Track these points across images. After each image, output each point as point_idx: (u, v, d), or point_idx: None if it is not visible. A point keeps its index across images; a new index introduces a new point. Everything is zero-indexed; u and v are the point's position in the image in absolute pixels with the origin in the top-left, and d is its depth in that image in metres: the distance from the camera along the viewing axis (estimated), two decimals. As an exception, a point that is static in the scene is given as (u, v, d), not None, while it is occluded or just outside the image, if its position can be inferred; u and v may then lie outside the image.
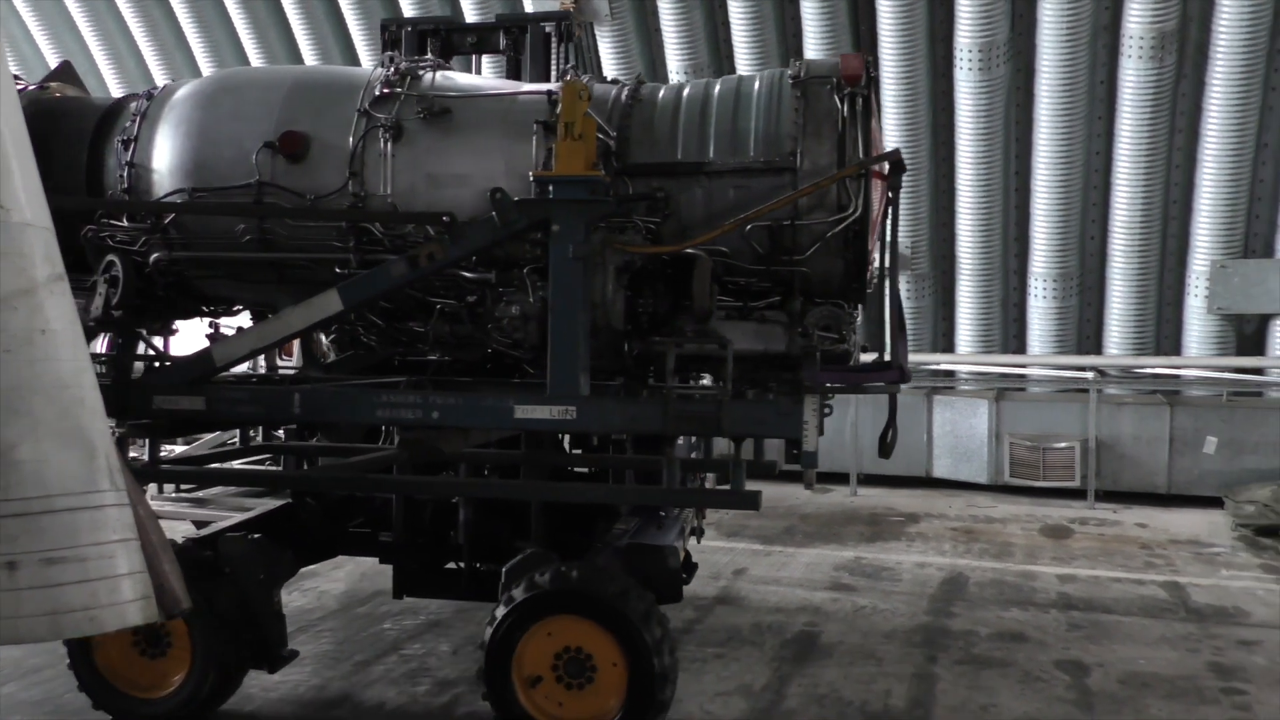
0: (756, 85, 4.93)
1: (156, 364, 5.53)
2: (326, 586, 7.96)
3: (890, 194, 4.62)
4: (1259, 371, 12.11)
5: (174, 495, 11.15)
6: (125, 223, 5.19)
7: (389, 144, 4.96)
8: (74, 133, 5.43)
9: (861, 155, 4.60)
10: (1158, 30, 10.85)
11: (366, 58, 13.02)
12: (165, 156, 5.15)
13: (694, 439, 6.86)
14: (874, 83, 4.85)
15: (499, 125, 5.00)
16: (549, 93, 5.03)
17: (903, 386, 4.82)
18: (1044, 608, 7.53)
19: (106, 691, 5.31)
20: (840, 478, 12.39)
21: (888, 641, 6.71)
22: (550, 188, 4.55)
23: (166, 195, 5.11)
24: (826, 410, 4.45)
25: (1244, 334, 12.02)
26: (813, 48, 11.75)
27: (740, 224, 4.51)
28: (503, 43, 6.83)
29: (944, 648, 6.59)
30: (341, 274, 5.02)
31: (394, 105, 5.02)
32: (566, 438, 7.09)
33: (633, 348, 4.84)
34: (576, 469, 6.86)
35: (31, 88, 5.67)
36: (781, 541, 9.92)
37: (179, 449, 11.31)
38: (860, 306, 5.08)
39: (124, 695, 5.32)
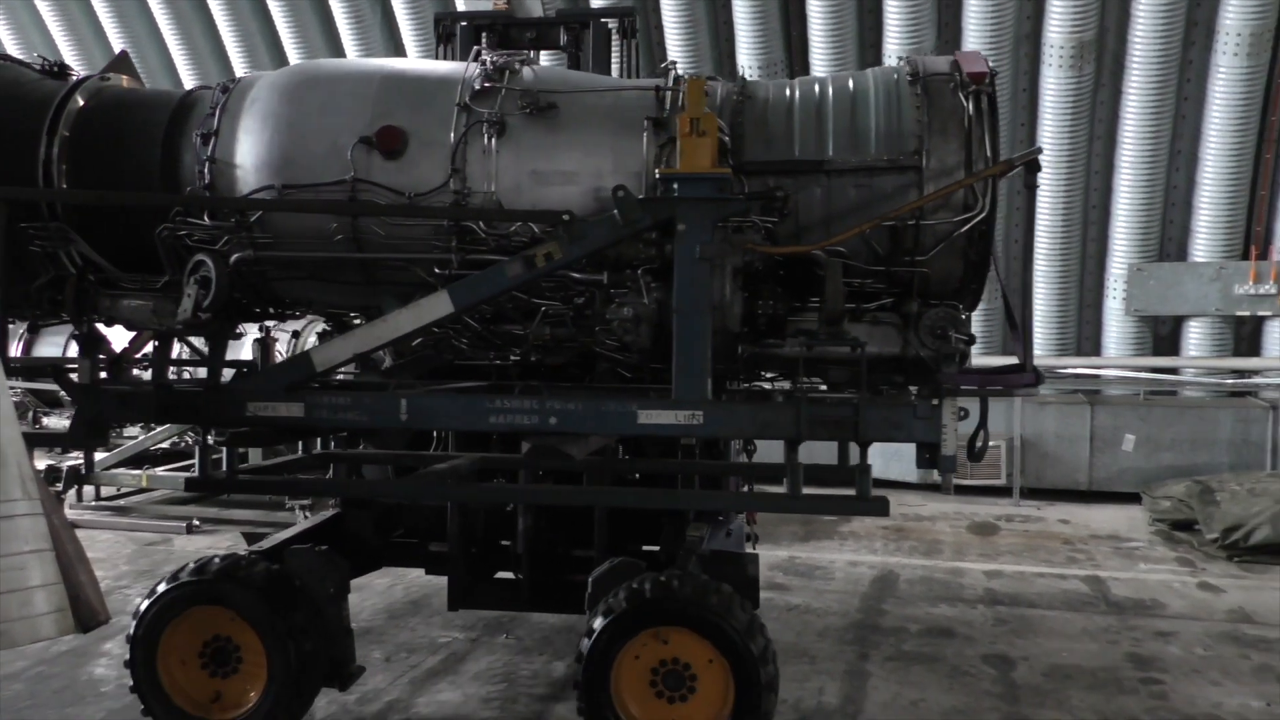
0: (870, 83, 4.83)
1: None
2: None
3: (1026, 191, 4.55)
4: (1174, 371, 12.67)
5: (94, 504, 10.90)
6: (206, 220, 4.93)
7: (493, 140, 4.77)
8: (145, 126, 5.15)
9: (989, 153, 4.52)
10: (1077, 40, 11.30)
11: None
12: (250, 152, 4.90)
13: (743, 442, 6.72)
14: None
15: (606, 121, 4.84)
16: (657, 88, 4.88)
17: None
18: (971, 603, 7.78)
19: (173, 714, 5.06)
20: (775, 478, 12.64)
21: (821, 640, 6.90)
22: (675, 185, 4.40)
23: (253, 192, 4.86)
24: (963, 414, 4.36)
25: (1160, 335, 12.59)
26: (746, 50, 11.92)
27: (882, 221, 4.41)
28: (563, 38, 6.67)
29: (875, 645, 6.79)
30: (441, 274, 4.83)
31: (496, 100, 4.84)
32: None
33: (744, 350, 4.72)
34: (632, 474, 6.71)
35: (91, 78, 5.38)
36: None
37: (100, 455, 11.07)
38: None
39: (192, 718, 5.07)
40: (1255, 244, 12.10)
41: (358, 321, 5.95)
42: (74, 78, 5.60)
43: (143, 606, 5.00)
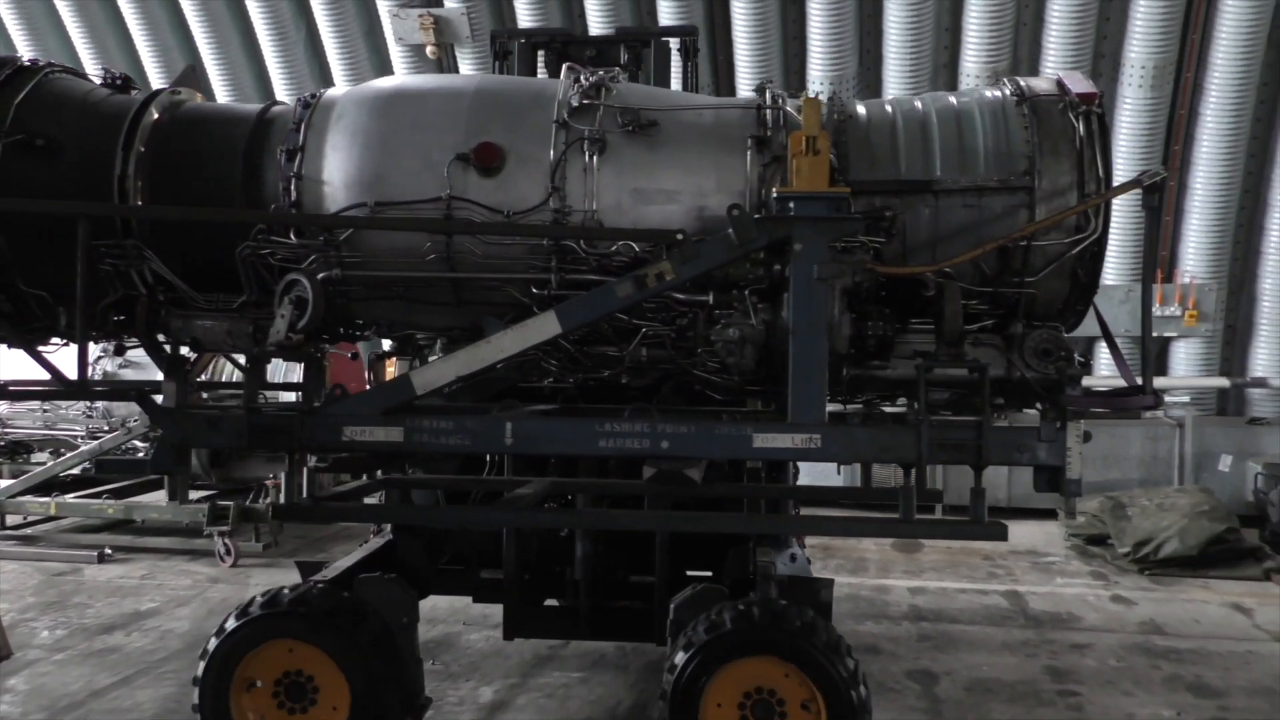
0: (974, 103, 4.81)
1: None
2: (170, 625, 7.67)
3: (1147, 213, 4.53)
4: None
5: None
6: (292, 239, 4.78)
7: (594, 157, 4.68)
8: (224, 142, 4.99)
9: (1102, 175, 4.51)
10: (991, 69, 11.65)
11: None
12: (339, 168, 4.76)
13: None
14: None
15: (707, 139, 4.77)
16: (758, 105, 4.82)
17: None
18: (896, 620, 7.89)
19: (247, 752, 4.86)
20: None
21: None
22: (791, 204, 4.33)
23: (344, 209, 4.72)
24: (1087, 437, 4.31)
25: (1074, 356, 13.00)
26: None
27: (1007, 241, 4.37)
28: (623, 56, 6.60)
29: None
30: (538, 294, 4.71)
31: (594, 117, 4.75)
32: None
33: (847, 372, 4.65)
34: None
35: (163, 92, 5.21)
36: None
37: (4, 483, 10.99)
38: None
39: (266, 756, 4.87)
40: (1161, 268, 12.48)
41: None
42: (136, 90, 5.45)
43: (212, 645, 4.79)
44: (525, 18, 12.28)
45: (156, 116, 5.03)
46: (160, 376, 4.84)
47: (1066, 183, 4.52)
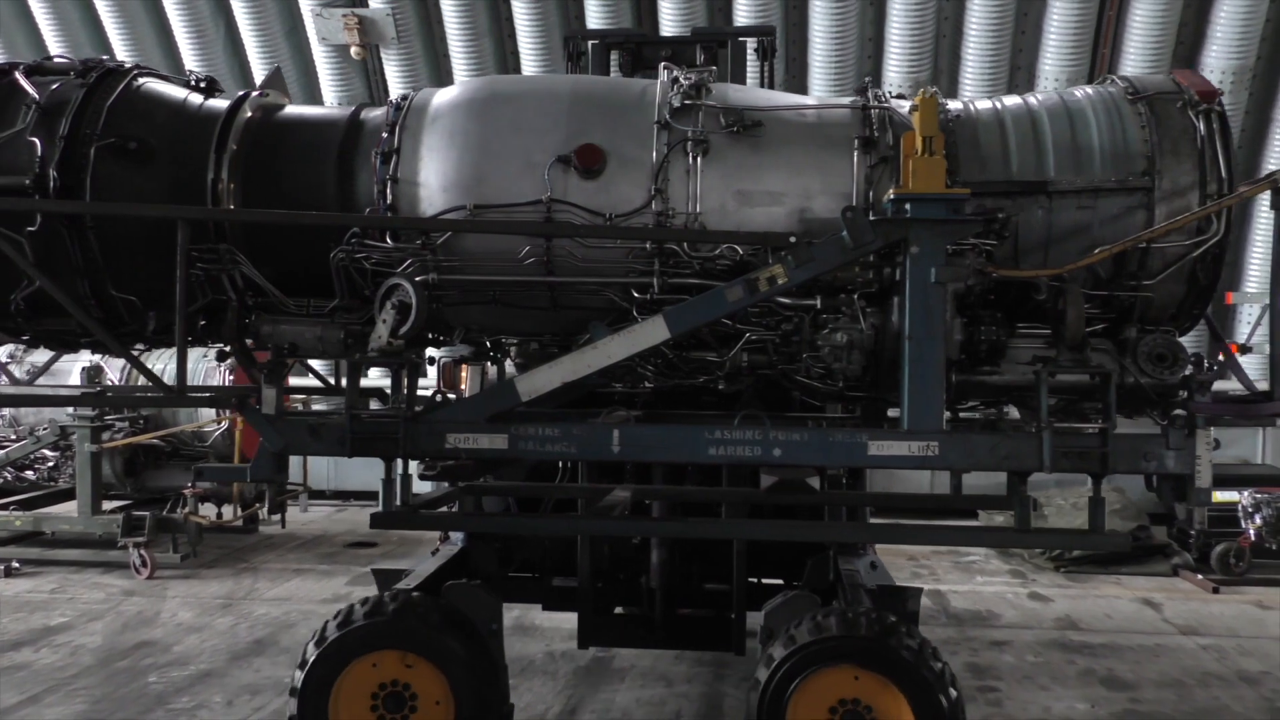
0: (1086, 101, 4.69)
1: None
2: (81, 640, 7.44)
3: (1277, 214, 4.41)
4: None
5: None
6: (388, 243, 4.70)
7: (698, 159, 4.58)
8: (316, 147, 4.93)
9: (1225, 174, 4.38)
10: (913, 79, 11.56)
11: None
12: (436, 170, 4.69)
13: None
14: None
15: (812, 140, 4.67)
16: (864, 105, 4.71)
17: None
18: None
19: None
20: None
21: (678, 663, 7.02)
22: (908, 206, 4.23)
23: (442, 212, 4.64)
24: (1216, 444, 4.19)
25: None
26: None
27: (1134, 244, 4.25)
28: (699, 57, 6.51)
29: (731, 665, 6.83)
30: (639, 299, 4.62)
31: (696, 117, 4.65)
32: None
33: (955, 378, 4.54)
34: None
35: (251, 94, 5.14)
36: None
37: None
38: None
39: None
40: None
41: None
42: (221, 92, 5.39)
43: (312, 654, 4.72)
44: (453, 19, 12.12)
45: (247, 119, 4.97)
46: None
47: (1187, 183, 4.40)
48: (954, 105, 4.81)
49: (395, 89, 12.43)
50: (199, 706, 6.15)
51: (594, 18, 11.40)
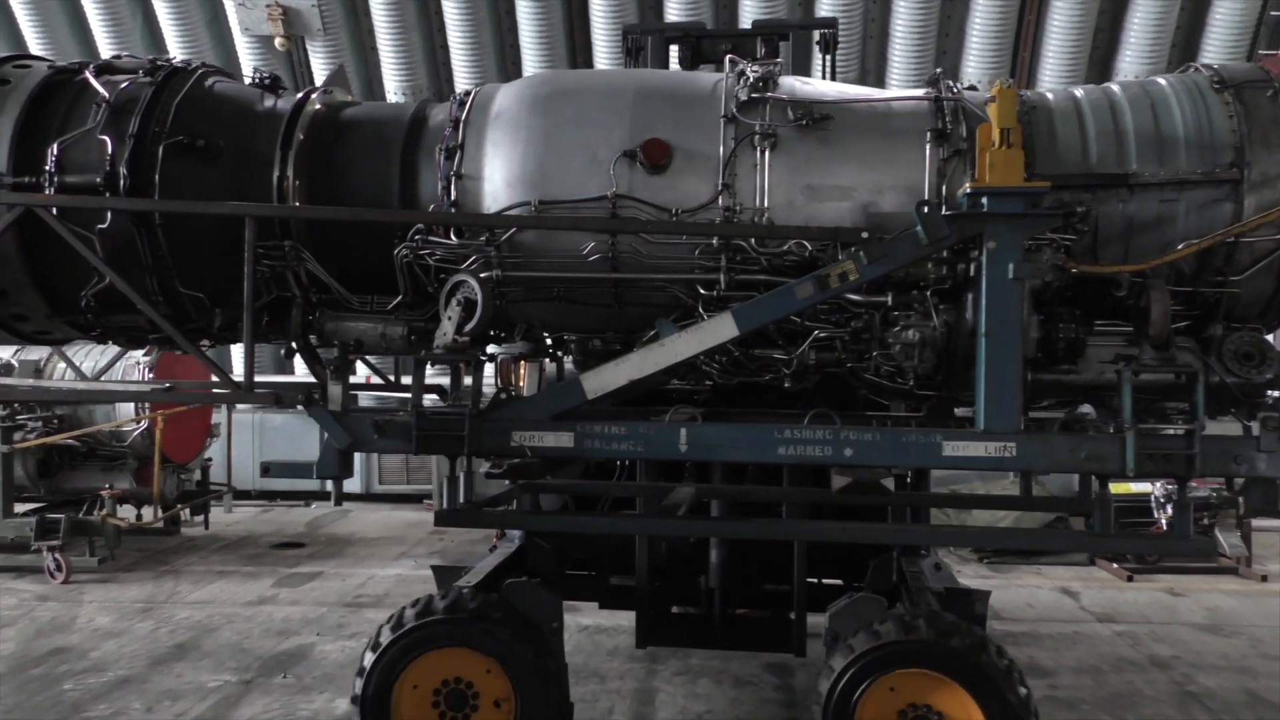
0: (1169, 90, 4.53)
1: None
2: None
3: None
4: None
5: None
6: (452, 240, 4.67)
7: (766, 153, 4.50)
8: (379, 143, 4.92)
9: (1316, 165, 4.21)
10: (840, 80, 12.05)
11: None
12: (500, 166, 4.65)
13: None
14: None
15: (882, 133, 4.57)
16: (937, 97, 4.60)
17: None
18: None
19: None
20: None
21: (610, 659, 7.06)
22: (984, 200, 4.11)
23: (506, 209, 4.61)
24: (1310, 447, 4.02)
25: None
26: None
27: (1228, 237, 4.10)
28: (760, 50, 6.40)
29: (663, 660, 6.98)
30: (705, 295, 4.56)
31: (763, 111, 4.57)
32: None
33: (1031, 377, 4.41)
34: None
35: (315, 92, 5.15)
36: None
37: None
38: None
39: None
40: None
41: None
42: (284, 90, 5.41)
43: (369, 661, 4.71)
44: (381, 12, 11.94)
45: (312, 117, 4.97)
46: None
47: (1278, 173, 4.23)
48: (1028, 95, 4.67)
49: (320, 83, 12.52)
50: (117, 714, 6.04)
51: (526, 13, 11.34)
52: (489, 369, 5.37)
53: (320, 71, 12.60)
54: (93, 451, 10.87)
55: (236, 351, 12.78)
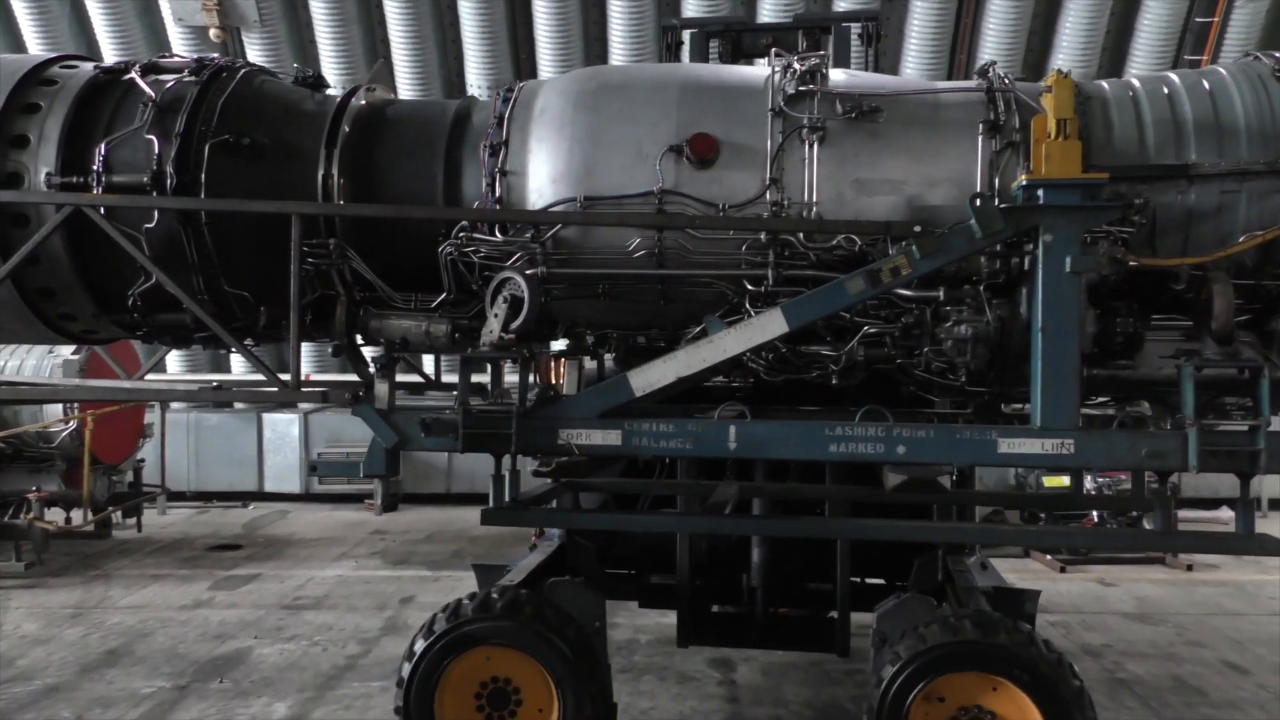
0: (1229, 79, 4.42)
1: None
2: None
3: None
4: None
5: None
6: (497, 236, 4.65)
7: (814, 147, 4.44)
8: (424, 139, 4.90)
9: (1383, 155, 4.10)
10: None
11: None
12: (545, 163, 4.62)
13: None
14: None
15: (933, 125, 4.50)
16: (988, 88, 4.52)
17: None
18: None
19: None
20: None
21: None
22: (1040, 192, 4.03)
23: (551, 205, 4.58)
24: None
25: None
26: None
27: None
28: (801, 44, 6.34)
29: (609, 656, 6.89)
30: (753, 291, 4.50)
31: (811, 104, 4.51)
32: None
33: (1087, 372, 4.32)
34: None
35: (359, 89, 5.14)
36: (451, 566, 9.80)
37: None
38: None
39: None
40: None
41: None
42: (328, 88, 5.41)
43: (406, 670, 4.69)
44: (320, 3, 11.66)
45: (356, 115, 4.96)
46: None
47: None
48: (1084, 85, 4.58)
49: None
50: (44, 723, 5.94)
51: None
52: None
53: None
54: (19, 453, 10.60)
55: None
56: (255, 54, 12.19)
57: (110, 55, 12.45)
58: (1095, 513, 9.77)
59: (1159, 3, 11.36)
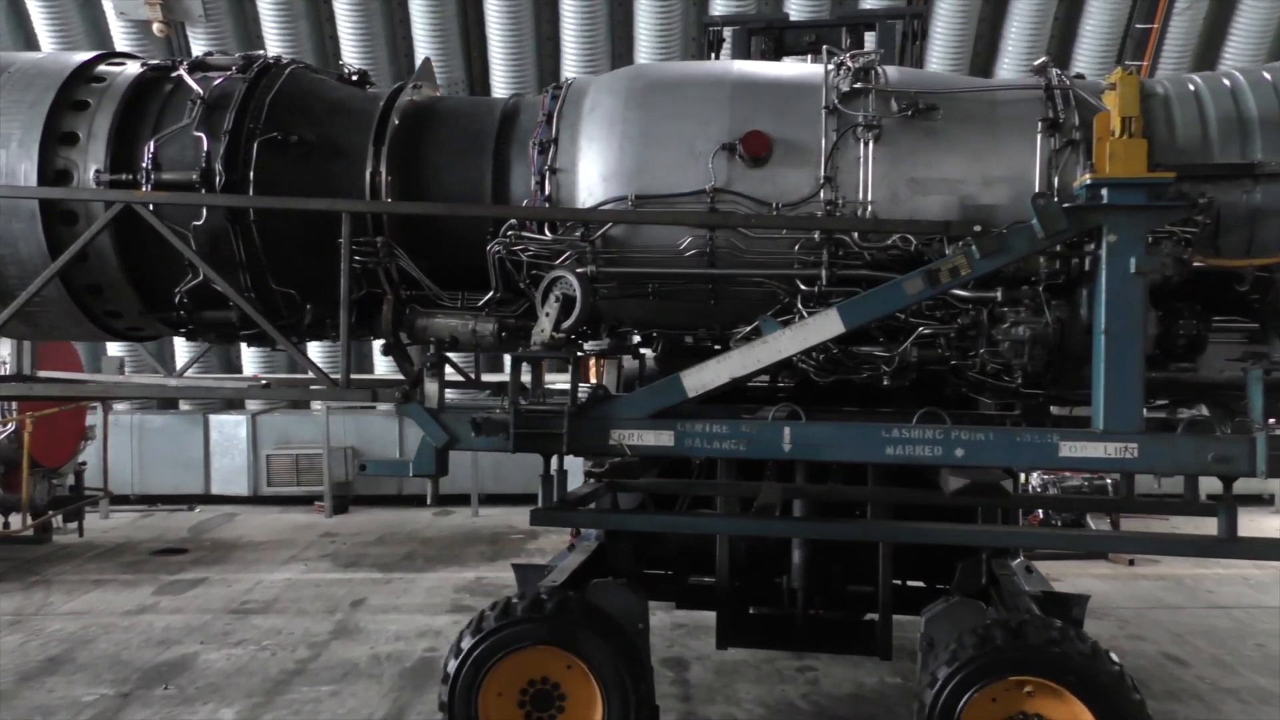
0: None
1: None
2: None
3: None
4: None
5: None
6: (546, 235, 4.61)
7: (869, 145, 4.38)
8: (472, 137, 4.87)
9: None
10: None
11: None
12: (595, 161, 4.58)
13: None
14: None
15: (990, 124, 4.43)
16: (1047, 85, 4.45)
17: None
18: (650, 609, 7.96)
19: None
20: (462, 499, 12.44)
21: None
22: (1104, 192, 3.96)
23: (602, 203, 4.54)
24: None
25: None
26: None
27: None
28: (845, 41, 6.27)
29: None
30: (805, 291, 4.45)
31: (866, 102, 4.45)
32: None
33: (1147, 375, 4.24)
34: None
35: (405, 87, 5.11)
36: (402, 568, 9.74)
37: None
38: None
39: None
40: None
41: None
42: (372, 85, 5.38)
43: (452, 667, 4.67)
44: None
45: (403, 113, 4.93)
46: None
47: None
48: (1160, 84, 4.51)
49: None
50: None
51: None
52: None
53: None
54: (-45, 457, 10.29)
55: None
56: (200, 49, 11.80)
57: (48, 48, 12.18)
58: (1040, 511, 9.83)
59: (1101, 9, 11.40)
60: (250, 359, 12.68)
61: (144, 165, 4.68)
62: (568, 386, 4.40)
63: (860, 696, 6.41)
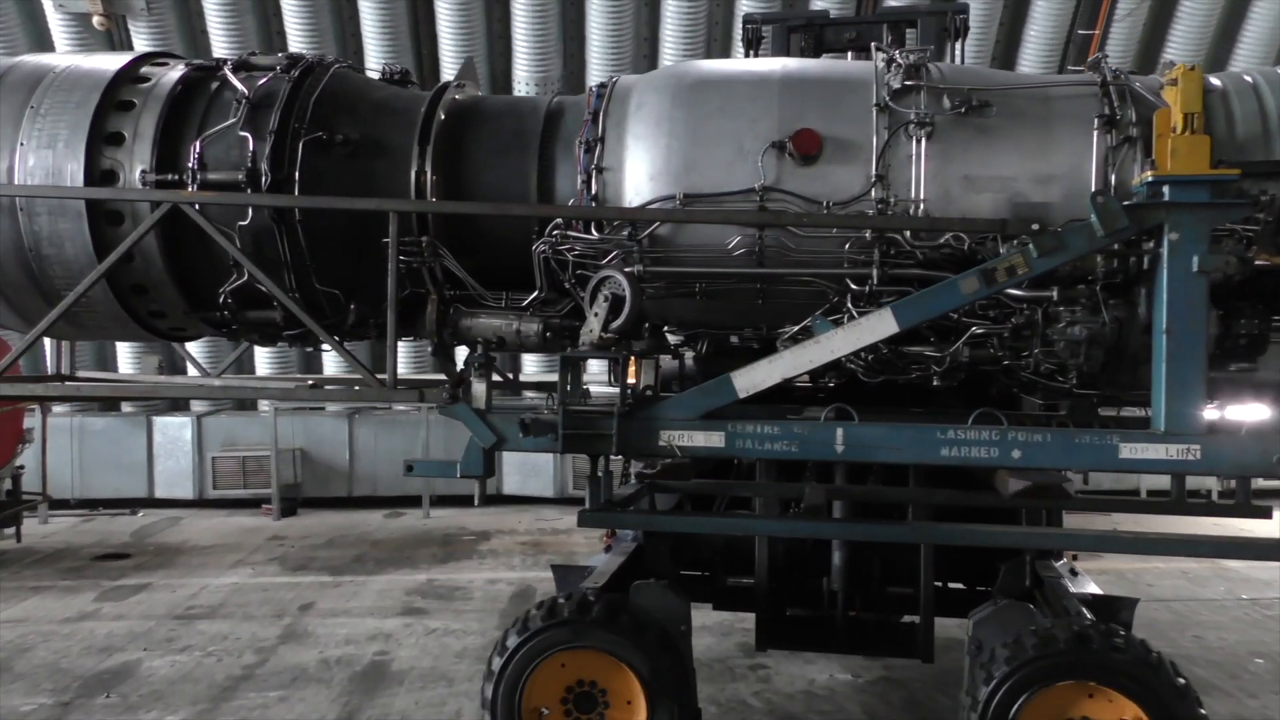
0: None
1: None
2: None
3: None
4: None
5: None
6: (593, 235, 4.58)
7: (921, 143, 4.32)
8: (517, 136, 4.84)
9: None
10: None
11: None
12: (642, 160, 4.54)
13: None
14: None
15: (1043, 120, 4.37)
16: (1103, 81, 4.38)
17: None
18: None
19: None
20: (413, 500, 12.38)
21: (459, 661, 6.87)
22: (1165, 189, 3.89)
23: (649, 203, 4.50)
24: None
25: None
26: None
27: None
28: (886, 38, 6.20)
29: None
30: (856, 290, 4.40)
31: (918, 99, 4.39)
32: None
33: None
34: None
35: (449, 86, 5.09)
36: (352, 571, 9.60)
37: None
38: None
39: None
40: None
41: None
42: (414, 84, 5.36)
43: (496, 664, 4.64)
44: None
45: (448, 111, 4.91)
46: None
47: None
48: (1214, 79, 4.44)
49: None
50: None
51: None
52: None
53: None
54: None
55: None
56: (142, 44, 11.55)
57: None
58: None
59: (1045, 13, 11.32)
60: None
61: (190, 165, 4.67)
62: (601, 388, 4.37)
63: (811, 694, 6.44)
